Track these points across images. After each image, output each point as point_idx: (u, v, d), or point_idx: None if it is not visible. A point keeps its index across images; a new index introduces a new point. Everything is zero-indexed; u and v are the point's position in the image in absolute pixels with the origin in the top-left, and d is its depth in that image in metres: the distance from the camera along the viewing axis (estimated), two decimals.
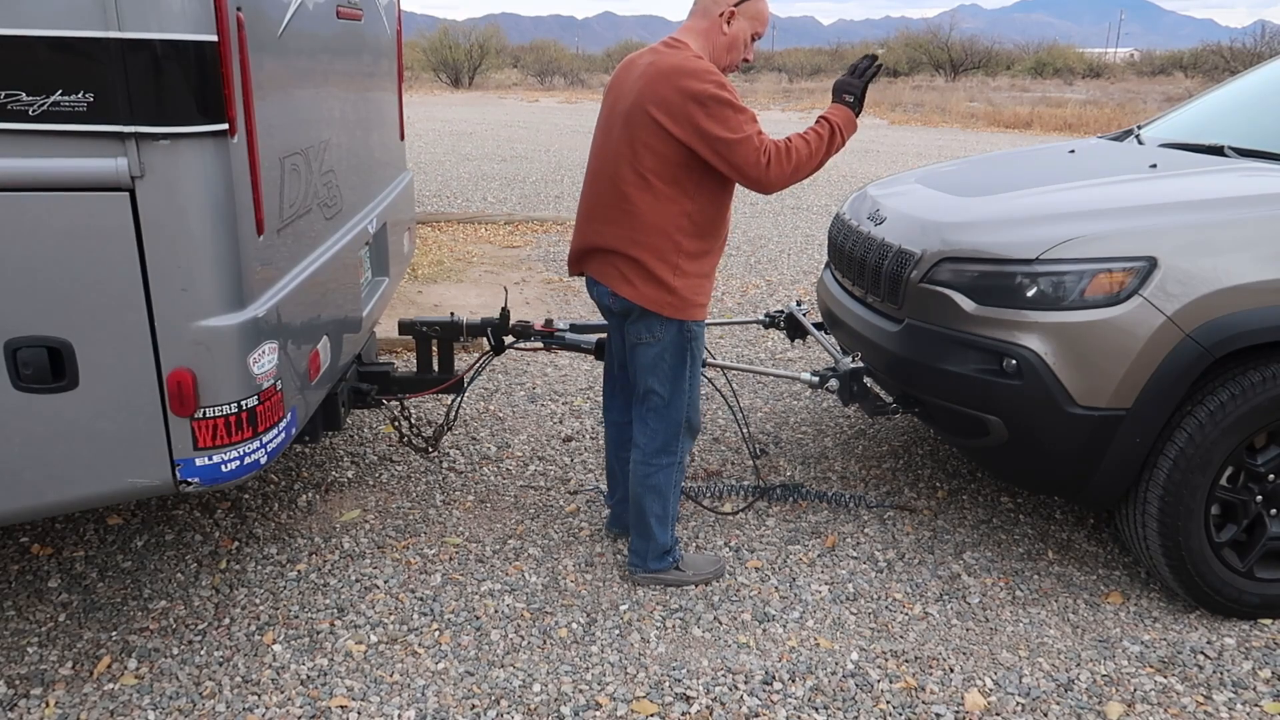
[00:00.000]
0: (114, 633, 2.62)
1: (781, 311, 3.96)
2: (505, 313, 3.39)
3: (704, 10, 2.60)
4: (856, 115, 2.70)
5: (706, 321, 2.85)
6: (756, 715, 2.34)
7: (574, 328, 3.46)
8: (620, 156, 2.58)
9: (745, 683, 2.45)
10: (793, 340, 4.09)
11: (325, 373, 2.62)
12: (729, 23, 2.59)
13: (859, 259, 3.31)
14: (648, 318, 2.63)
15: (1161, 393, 2.55)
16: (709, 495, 3.48)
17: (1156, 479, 2.63)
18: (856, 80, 2.72)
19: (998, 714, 2.36)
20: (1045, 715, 2.36)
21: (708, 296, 2.69)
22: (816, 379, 3.24)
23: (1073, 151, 3.86)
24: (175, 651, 2.54)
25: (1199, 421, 2.57)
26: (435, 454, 3.76)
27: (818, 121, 2.65)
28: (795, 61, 49.10)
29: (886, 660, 2.55)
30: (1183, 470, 2.59)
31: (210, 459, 2.09)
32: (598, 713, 2.34)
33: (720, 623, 2.72)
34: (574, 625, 2.69)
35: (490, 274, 6.62)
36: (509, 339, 3.43)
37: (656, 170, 2.52)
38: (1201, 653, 2.60)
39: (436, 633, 2.65)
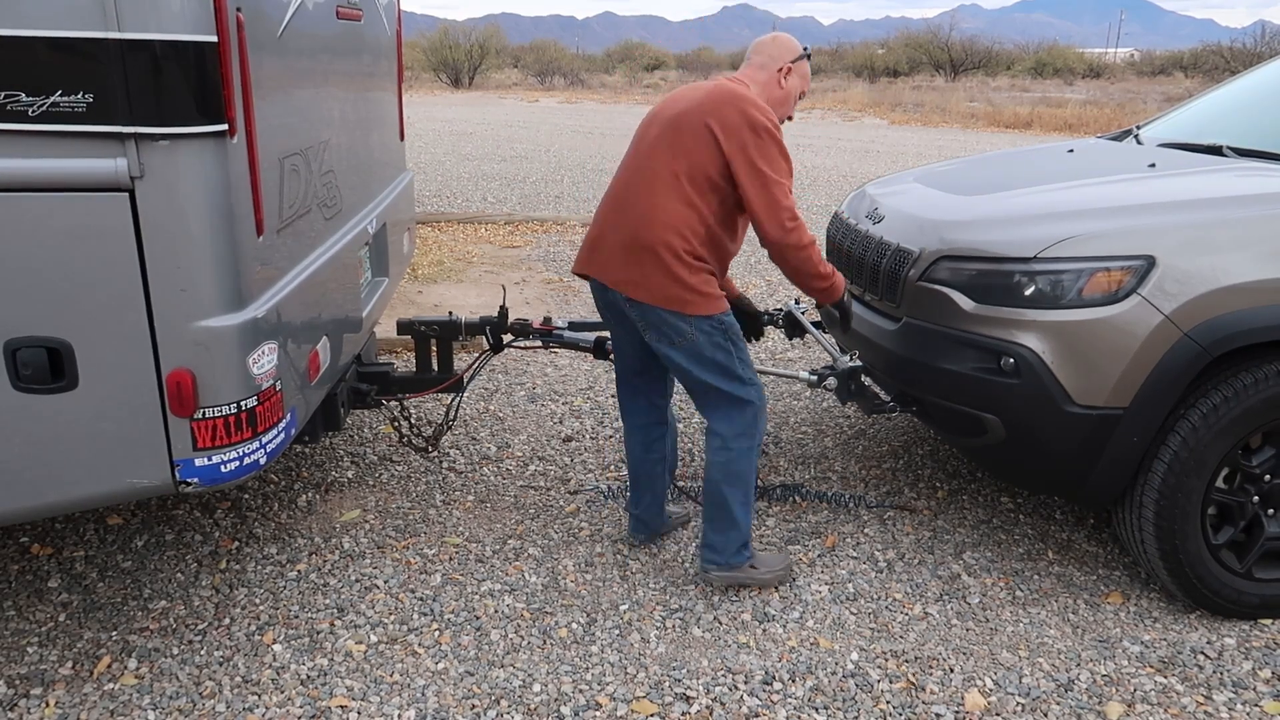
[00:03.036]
0: (114, 633, 2.62)
1: (780, 310, 3.96)
2: (504, 311, 3.39)
3: (763, 63, 2.77)
4: (840, 302, 2.90)
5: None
6: (756, 715, 2.34)
7: (573, 326, 3.46)
8: (655, 159, 2.62)
9: (745, 683, 2.45)
10: (791, 339, 4.09)
11: (325, 373, 2.62)
12: (785, 78, 2.76)
13: (857, 258, 3.31)
14: (672, 318, 2.61)
15: (1159, 392, 2.55)
16: None
17: (1151, 483, 2.63)
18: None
19: (998, 714, 2.36)
20: (1045, 715, 2.36)
21: (718, 290, 2.68)
22: (814, 378, 3.25)
23: (1071, 151, 3.86)
24: (175, 651, 2.54)
25: (1192, 424, 2.57)
26: (435, 454, 3.76)
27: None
28: None
29: (886, 660, 2.55)
30: (1177, 474, 2.59)
31: (210, 459, 2.09)
32: (598, 713, 2.34)
33: (720, 623, 2.72)
34: (574, 625, 2.70)
35: (490, 274, 6.62)
36: (507, 337, 3.44)
37: (689, 175, 2.58)
38: (1201, 653, 2.60)
39: (436, 633, 2.65)
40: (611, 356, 3.39)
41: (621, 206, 2.67)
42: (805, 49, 2.83)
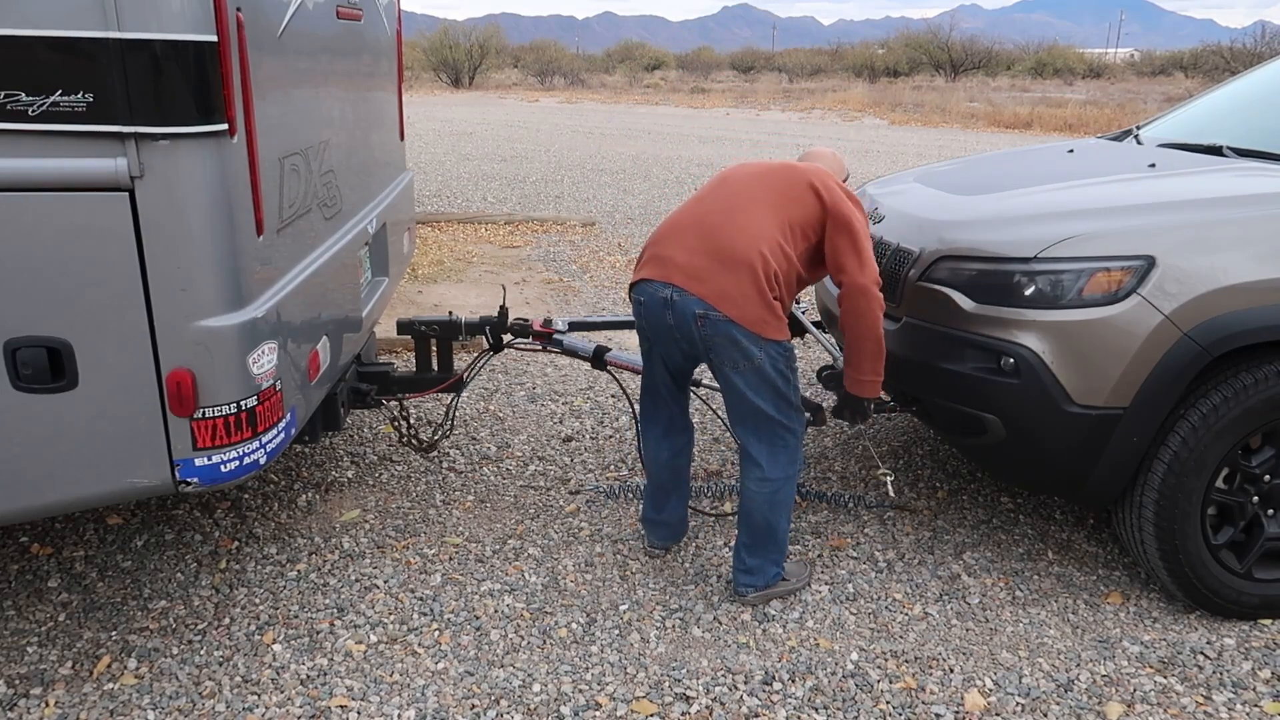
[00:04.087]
0: (114, 632, 2.62)
1: None
2: (504, 311, 3.39)
3: (831, 171, 2.88)
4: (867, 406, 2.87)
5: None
6: (756, 715, 2.34)
7: (573, 325, 3.47)
8: (753, 191, 2.69)
9: (745, 683, 2.45)
10: (791, 339, 4.09)
11: (325, 373, 2.62)
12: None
13: None
14: (745, 339, 2.58)
15: (1159, 392, 2.55)
16: (709, 495, 3.48)
17: (1151, 483, 2.63)
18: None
19: (998, 714, 2.36)
20: (1045, 715, 2.36)
21: (785, 317, 2.70)
22: (807, 414, 3.27)
23: (1071, 151, 3.86)
24: (175, 651, 2.54)
25: (1192, 425, 2.57)
26: (435, 454, 3.76)
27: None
28: (795, 62, 49.13)
29: (886, 660, 2.55)
30: (1177, 474, 2.59)
31: (209, 459, 2.09)
32: (597, 713, 2.34)
33: (720, 623, 2.72)
34: (574, 625, 2.70)
35: (490, 274, 6.62)
36: (507, 337, 3.44)
37: (787, 215, 2.65)
38: (1201, 653, 2.60)
39: (436, 633, 2.65)
40: (609, 368, 3.40)
41: (711, 226, 2.65)
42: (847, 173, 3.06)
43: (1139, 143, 3.86)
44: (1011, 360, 2.66)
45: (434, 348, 3.50)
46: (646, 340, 2.81)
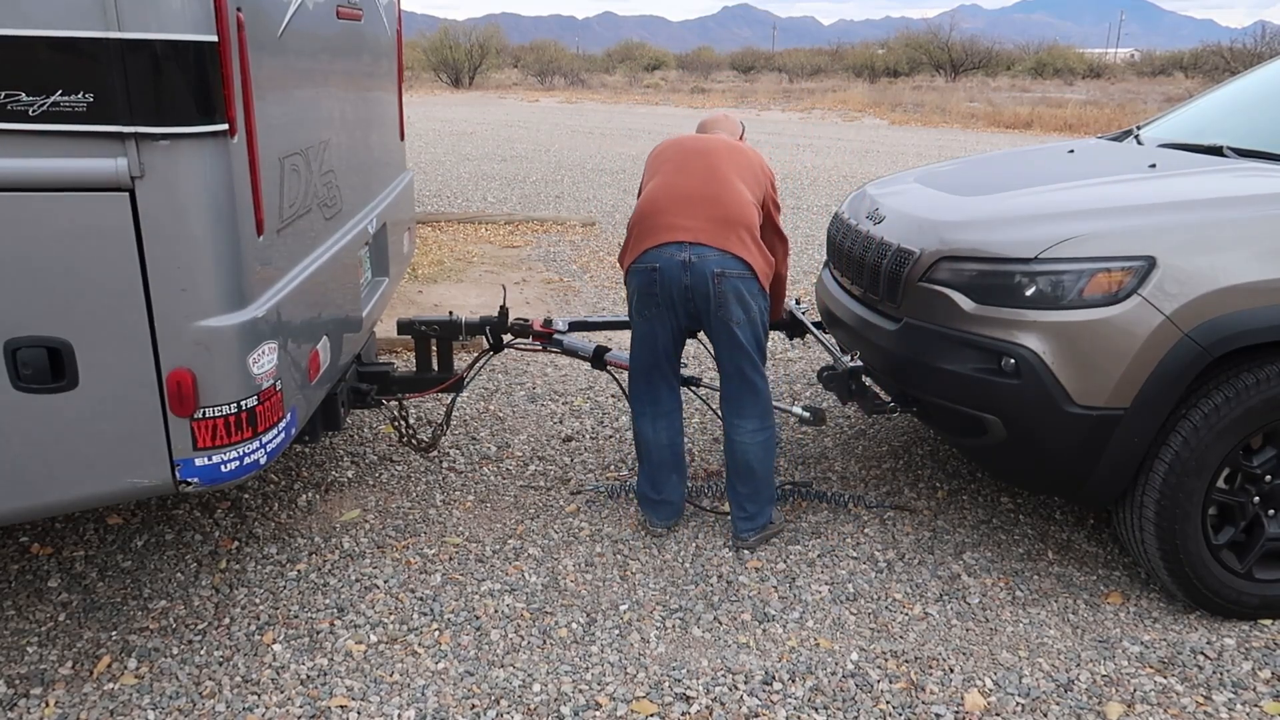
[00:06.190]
0: (114, 632, 2.62)
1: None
2: (504, 311, 3.40)
3: (729, 136, 3.33)
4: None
5: None
6: (756, 715, 2.34)
7: (573, 326, 3.47)
8: (726, 168, 3.00)
9: (745, 683, 2.45)
10: (791, 339, 4.10)
11: (325, 373, 2.62)
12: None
13: (858, 258, 3.31)
14: (753, 287, 2.90)
15: (1160, 392, 2.55)
16: (709, 495, 3.48)
17: (1153, 483, 2.63)
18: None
19: (998, 714, 2.36)
20: (1045, 715, 2.36)
21: None
22: (807, 414, 3.38)
23: (1072, 151, 3.86)
24: (175, 651, 2.54)
25: (1193, 425, 2.57)
26: (435, 454, 3.76)
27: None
28: (795, 62, 49.15)
29: (886, 660, 2.55)
30: (1178, 474, 2.58)
31: (210, 459, 2.09)
32: (597, 713, 2.34)
33: (720, 623, 2.72)
34: (574, 625, 2.70)
35: (490, 274, 6.62)
36: (507, 337, 3.44)
37: (753, 192, 3.04)
38: (1201, 653, 2.60)
39: (436, 633, 2.65)
40: (609, 368, 3.41)
41: (712, 195, 2.94)
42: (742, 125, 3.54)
43: (1139, 143, 3.86)
44: (1012, 361, 2.66)
45: (434, 348, 3.50)
46: (654, 307, 2.96)
